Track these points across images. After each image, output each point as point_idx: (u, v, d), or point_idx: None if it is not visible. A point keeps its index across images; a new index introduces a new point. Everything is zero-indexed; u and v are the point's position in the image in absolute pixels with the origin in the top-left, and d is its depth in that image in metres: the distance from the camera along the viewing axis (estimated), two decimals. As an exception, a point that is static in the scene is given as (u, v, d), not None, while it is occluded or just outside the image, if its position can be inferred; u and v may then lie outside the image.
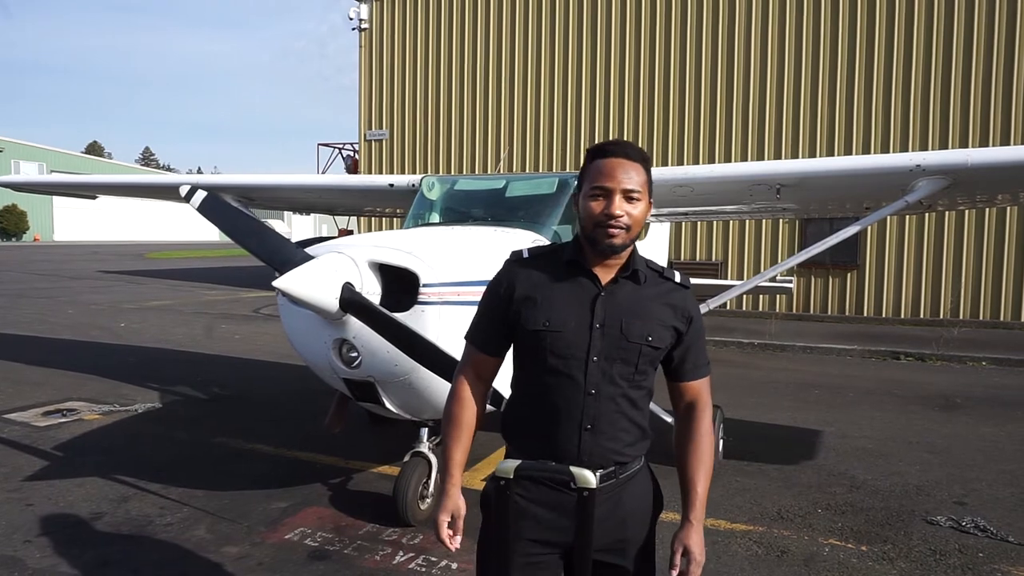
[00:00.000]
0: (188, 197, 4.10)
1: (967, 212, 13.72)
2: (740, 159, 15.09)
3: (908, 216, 13.77)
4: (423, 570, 3.77)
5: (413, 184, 6.30)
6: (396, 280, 3.87)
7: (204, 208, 4.07)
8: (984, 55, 13.67)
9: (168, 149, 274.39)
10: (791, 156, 14.66)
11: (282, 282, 3.50)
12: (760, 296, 14.90)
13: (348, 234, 12.17)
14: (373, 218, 17.00)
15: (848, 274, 14.85)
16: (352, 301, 3.64)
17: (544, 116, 17.10)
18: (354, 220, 18.65)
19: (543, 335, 1.87)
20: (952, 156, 5.03)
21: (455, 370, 2.06)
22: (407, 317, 3.73)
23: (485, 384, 2.03)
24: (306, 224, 57.25)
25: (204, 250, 42.69)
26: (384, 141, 19.12)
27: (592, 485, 1.85)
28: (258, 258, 3.92)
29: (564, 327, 1.86)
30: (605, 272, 1.91)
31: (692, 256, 15.95)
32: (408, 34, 18.66)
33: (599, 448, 1.87)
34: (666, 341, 1.92)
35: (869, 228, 13.58)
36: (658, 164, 15.46)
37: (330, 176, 19.04)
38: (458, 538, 1.97)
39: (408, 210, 5.93)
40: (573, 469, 1.86)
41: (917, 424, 6.94)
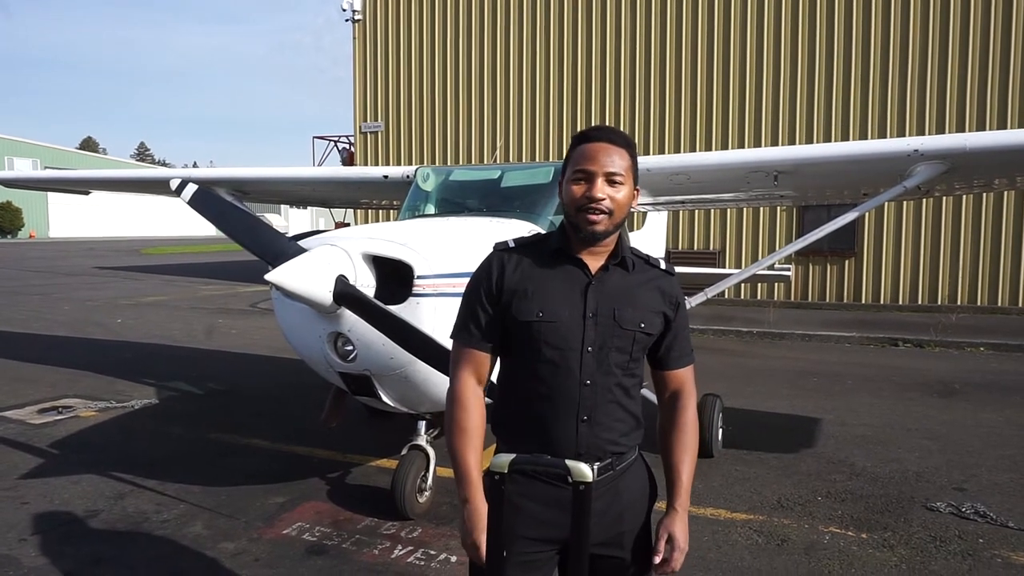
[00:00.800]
0: (179, 191, 4.07)
1: (964, 197, 13.69)
2: (737, 146, 15.02)
3: (906, 202, 13.74)
4: (422, 563, 3.75)
5: (408, 175, 6.24)
6: (391, 272, 3.82)
7: (195, 202, 4.03)
8: (981, 39, 13.60)
9: (164, 144, 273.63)
10: (788, 143, 14.60)
11: (275, 275, 3.46)
12: (758, 284, 14.88)
13: (344, 227, 12.14)
14: (370, 211, 16.94)
15: (846, 261, 14.83)
16: (346, 294, 3.60)
17: (539, 105, 17.01)
18: (351, 213, 18.57)
19: (536, 326, 1.83)
20: (950, 140, 5.01)
21: (449, 372, 1.97)
22: (402, 309, 3.69)
23: (483, 384, 1.95)
24: (303, 217, 57.05)
25: (200, 245, 42.54)
26: (380, 133, 19.02)
27: (589, 479, 1.81)
28: (250, 252, 3.88)
29: (557, 317, 1.82)
30: (593, 260, 1.88)
31: (690, 245, 15.91)
32: (402, 25, 18.54)
33: (596, 440, 1.84)
34: (657, 327, 1.90)
35: (867, 215, 13.54)
36: (655, 152, 15.45)
37: (323, 168, 18.94)
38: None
39: (403, 202, 5.89)
40: (569, 463, 1.81)
41: (916, 410, 6.93)
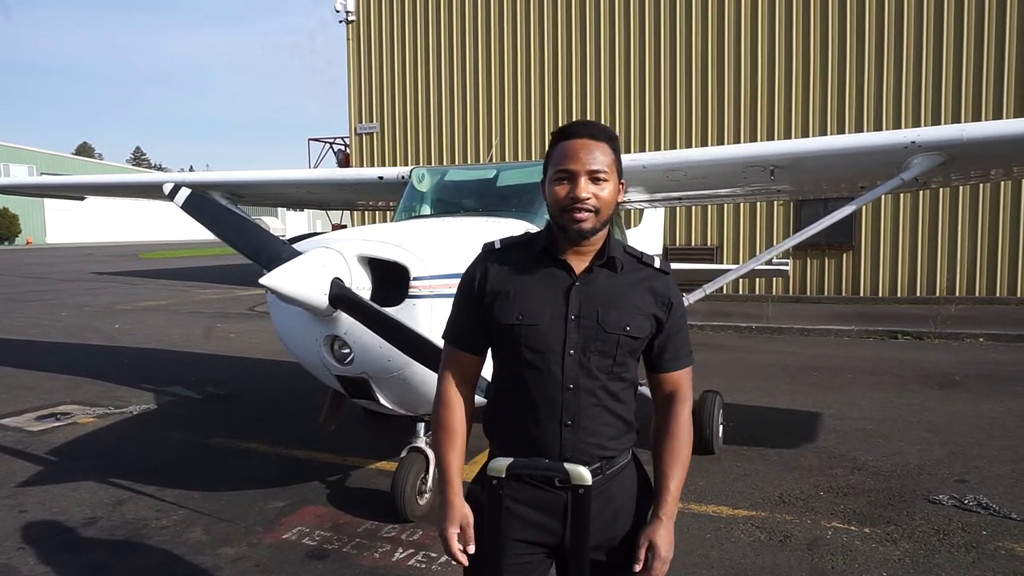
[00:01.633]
0: (172, 195, 4.05)
1: (961, 189, 13.68)
2: (733, 141, 15.00)
3: (902, 194, 13.72)
4: (423, 566, 3.74)
5: (403, 176, 6.22)
6: (387, 274, 3.81)
7: (188, 206, 4.01)
8: (975, 29, 13.58)
9: (160, 148, 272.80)
10: (784, 137, 14.58)
11: (269, 279, 3.43)
12: (756, 279, 14.87)
13: (342, 229, 12.13)
14: (366, 212, 16.91)
15: (844, 255, 14.82)
16: (342, 297, 3.58)
17: (535, 104, 16.98)
18: (347, 215, 18.55)
19: (517, 329, 1.80)
20: (947, 131, 4.98)
21: (438, 372, 1.96)
22: (399, 311, 3.67)
23: (469, 385, 1.94)
24: (300, 220, 57.07)
25: (198, 249, 42.49)
26: (375, 134, 18.98)
27: (587, 482, 1.79)
28: (245, 255, 3.86)
29: (539, 320, 1.79)
30: (579, 260, 1.83)
31: (687, 241, 15.90)
32: (396, 25, 18.49)
33: (581, 444, 1.80)
34: (645, 331, 1.84)
35: (864, 208, 13.51)
36: (650, 148, 15.44)
37: (318, 171, 18.90)
38: (471, 547, 1.86)
39: (399, 203, 5.86)
40: (568, 466, 1.79)
41: (916, 403, 6.92)
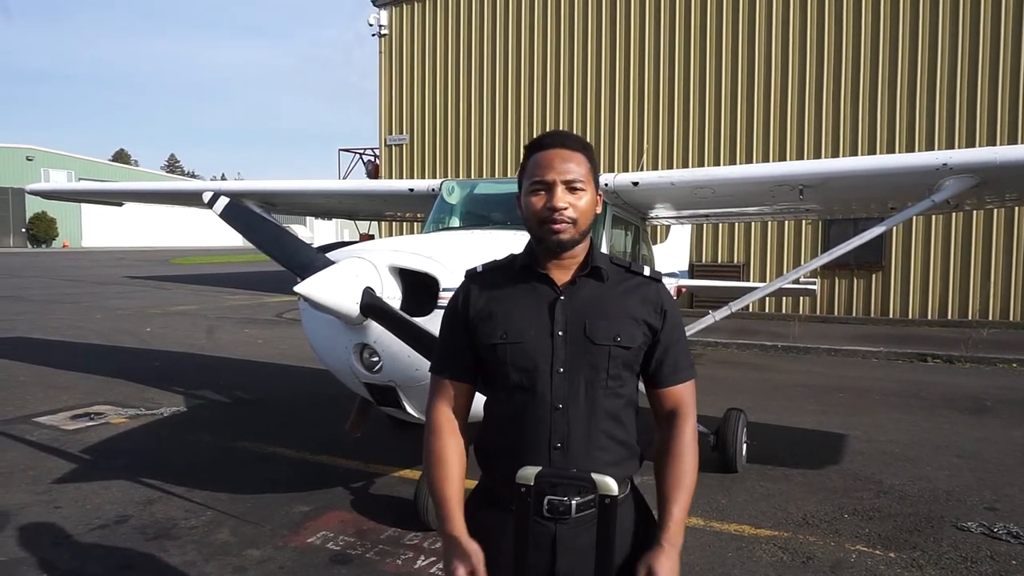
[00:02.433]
0: (211, 203, 4.15)
1: (996, 211, 13.46)
2: (762, 160, 14.95)
3: (935, 215, 13.54)
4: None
5: (433, 188, 6.32)
6: (416, 284, 3.88)
7: (226, 214, 4.11)
8: (1012, 51, 13.41)
9: (193, 156, 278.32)
10: (814, 156, 14.49)
11: (303, 287, 3.52)
12: (783, 298, 14.74)
13: (369, 238, 12.25)
14: (394, 223, 17.08)
15: (873, 275, 14.64)
16: (373, 306, 3.65)
17: (563, 118, 17.08)
18: (375, 224, 18.74)
19: (502, 348, 1.74)
20: (980, 154, 4.94)
21: (427, 405, 1.88)
22: (428, 321, 3.73)
23: (461, 416, 1.85)
24: (328, 228, 57.74)
25: (227, 255, 43.18)
26: (404, 146, 19.22)
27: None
28: (279, 263, 3.95)
29: (523, 337, 1.73)
30: (562, 273, 1.78)
31: (714, 258, 15.83)
32: (428, 39, 18.76)
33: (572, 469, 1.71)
34: (638, 339, 1.76)
35: (894, 228, 13.37)
36: (679, 166, 15.42)
37: (350, 181, 19.16)
38: None
39: (428, 214, 5.95)
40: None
41: (945, 428, 6.81)
